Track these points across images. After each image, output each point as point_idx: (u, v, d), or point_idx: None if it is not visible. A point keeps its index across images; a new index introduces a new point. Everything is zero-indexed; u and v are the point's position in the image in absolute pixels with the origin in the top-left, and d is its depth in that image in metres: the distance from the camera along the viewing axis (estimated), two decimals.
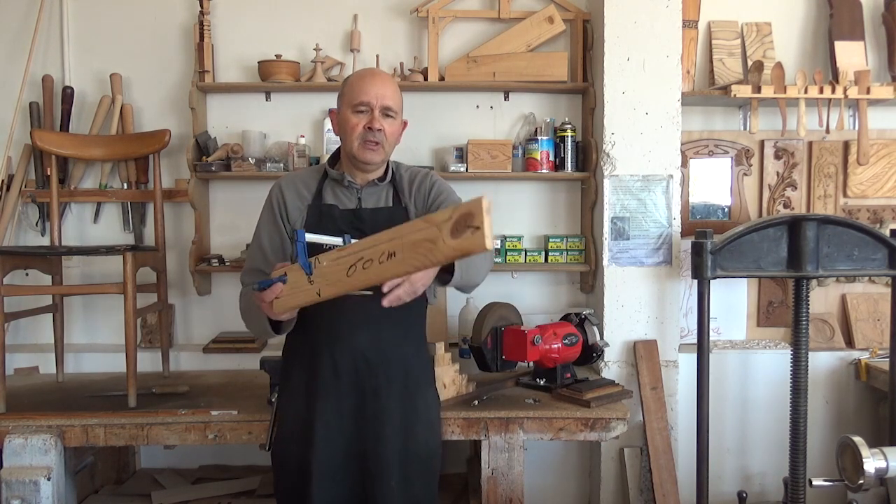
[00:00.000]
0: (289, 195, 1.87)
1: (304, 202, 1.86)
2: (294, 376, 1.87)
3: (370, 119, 1.80)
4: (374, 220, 1.82)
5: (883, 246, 2.51)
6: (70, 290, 2.68)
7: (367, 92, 1.80)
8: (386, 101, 1.82)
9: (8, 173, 2.86)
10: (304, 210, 1.85)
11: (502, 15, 2.86)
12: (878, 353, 2.86)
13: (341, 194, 1.87)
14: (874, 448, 1.36)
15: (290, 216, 1.86)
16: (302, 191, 1.88)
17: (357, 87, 1.82)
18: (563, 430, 2.23)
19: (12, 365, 2.81)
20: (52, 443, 2.16)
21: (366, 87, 1.81)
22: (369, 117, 1.80)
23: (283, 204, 1.87)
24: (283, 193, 1.88)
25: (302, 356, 1.85)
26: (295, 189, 1.88)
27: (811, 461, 2.57)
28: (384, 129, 1.81)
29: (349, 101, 1.82)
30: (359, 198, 1.87)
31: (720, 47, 2.92)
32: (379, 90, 1.81)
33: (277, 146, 2.89)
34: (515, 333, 2.33)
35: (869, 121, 2.80)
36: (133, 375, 2.30)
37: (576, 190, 2.99)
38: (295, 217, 1.85)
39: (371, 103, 1.80)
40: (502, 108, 2.97)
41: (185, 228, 2.95)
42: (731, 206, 2.97)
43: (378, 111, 1.81)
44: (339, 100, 1.88)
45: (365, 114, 1.81)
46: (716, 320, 2.87)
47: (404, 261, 1.31)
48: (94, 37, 2.93)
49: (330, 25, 2.93)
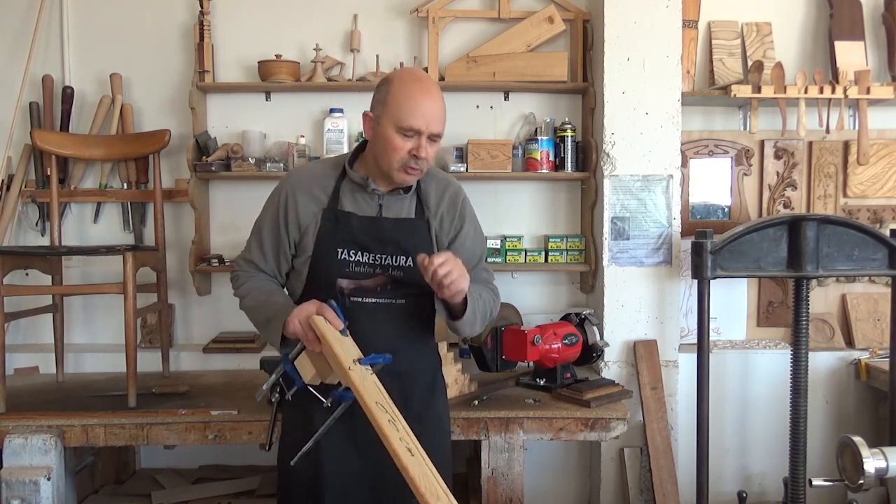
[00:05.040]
0: (301, 199, 1.71)
1: (318, 206, 1.71)
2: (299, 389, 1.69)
3: (417, 146, 1.63)
4: (395, 231, 1.71)
5: (883, 246, 2.51)
6: (70, 290, 2.69)
7: (419, 116, 1.62)
8: (436, 128, 1.66)
9: (8, 173, 2.86)
10: (318, 215, 1.71)
11: (502, 15, 2.86)
12: (878, 353, 2.86)
13: (360, 199, 1.73)
14: (874, 448, 1.36)
15: (302, 220, 1.71)
16: (317, 193, 1.72)
17: (408, 107, 1.62)
18: (563, 430, 2.23)
19: (12, 365, 2.81)
20: (52, 443, 2.16)
21: (419, 110, 1.62)
22: (416, 143, 1.63)
23: (296, 209, 1.71)
24: (296, 198, 1.71)
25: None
26: (308, 192, 1.72)
27: (811, 461, 2.57)
28: (428, 156, 1.67)
29: (396, 120, 1.62)
30: (380, 205, 1.73)
31: (720, 47, 2.92)
32: (431, 114, 1.64)
33: (277, 146, 2.89)
34: (515, 333, 2.33)
35: (869, 121, 2.80)
36: (133, 375, 2.30)
37: (576, 190, 2.99)
38: (307, 222, 1.71)
39: (421, 130, 1.63)
40: (502, 108, 2.97)
41: (185, 228, 2.95)
42: (731, 206, 2.97)
43: (426, 137, 1.64)
44: (381, 109, 1.66)
45: (412, 138, 1.63)
46: (716, 320, 2.87)
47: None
48: (94, 37, 2.93)
49: (330, 25, 2.92)
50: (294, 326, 1.58)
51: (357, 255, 1.71)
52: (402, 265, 1.73)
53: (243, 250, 1.85)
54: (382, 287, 1.73)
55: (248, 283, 1.79)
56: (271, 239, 1.77)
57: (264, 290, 1.77)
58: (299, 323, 1.58)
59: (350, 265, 1.70)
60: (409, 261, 1.72)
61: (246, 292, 1.78)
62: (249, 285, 1.79)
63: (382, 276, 1.73)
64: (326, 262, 1.71)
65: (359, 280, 1.71)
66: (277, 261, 1.78)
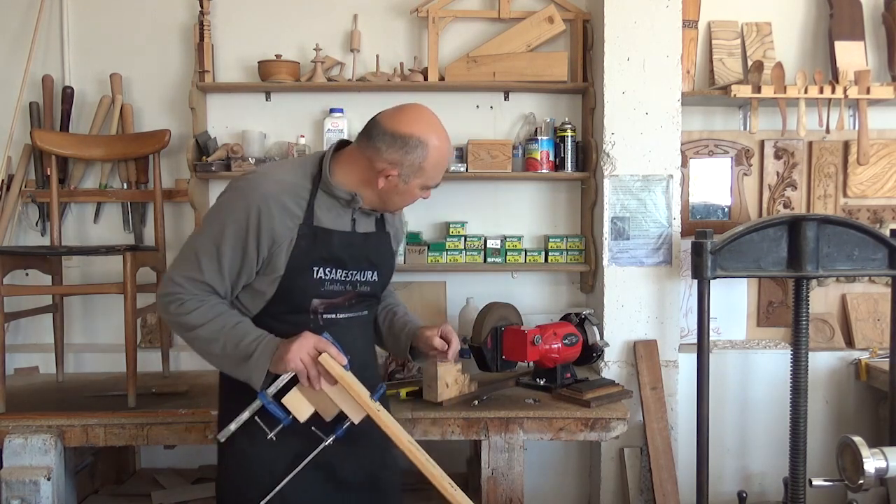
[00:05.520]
0: (277, 212, 1.56)
1: (294, 221, 1.58)
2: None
3: (428, 192, 1.70)
4: (366, 246, 1.70)
5: (883, 246, 2.51)
6: (70, 290, 2.69)
7: (442, 174, 1.68)
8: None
9: (8, 173, 2.86)
10: (294, 230, 1.58)
11: (502, 15, 2.86)
12: (878, 353, 2.86)
13: (336, 213, 1.64)
14: (874, 448, 1.36)
15: (277, 237, 1.56)
16: (291, 206, 1.58)
17: (441, 168, 1.66)
18: (563, 430, 2.23)
19: (12, 365, 2.81)
20: (52, 443, 2.16)
21: (443, 170, 1.68)
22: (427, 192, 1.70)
23: (270, 224, 1.55)
24: (271, 211, 1.55)
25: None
26: (282, 205, 1.56)
27: (811, 461, 2.57)
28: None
29: (427, 181, 1.65)
30: (353, 219, 1.68)
31: (720, 47, 2.92)
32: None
33: (277, 146, 2.89)
34: (515, 333, 2.33)
35: (869, 121, 2.80)
36: (133, 375, 2.30)
37: (576, 190, 2.99)
38: (282, 238, 1.57)
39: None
40: (502, 108, 2.97)
41: (185, 228, 2.95)
42: (731, 206, 2.97)
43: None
44: (412, 172, 1.61)
45: (428, 189, 1.69)
46: (716, 320, 2.87)
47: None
48: (94, 37, 2.93)
49: (330, 25, 2.92)
50: (295, 365, 1.50)
51: (332, 273, 1.64)
52: (368, 280, 1.72)
53: (182, 267, 1.58)
54: (349, 301, 1.70)
55: (201, 310, 1.56)
56: (234, 257, 1.56)
57: (227, 319, 1.57)
58: (302, 361, 1.50)
59: (325, 284, 1.63)
60: (374, 275, 1.73)
61: (199, 320, 1.55)
62: (202, 312, 1.56)
63: (352, 291, 1.70)
64: (301, 281, 1.61)
65: (331, 298, 1.66)
66: (236, 281, 1.59)
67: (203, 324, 1.55)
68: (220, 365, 1.60)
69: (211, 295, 1.58)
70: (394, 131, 1.58)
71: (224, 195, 1.62)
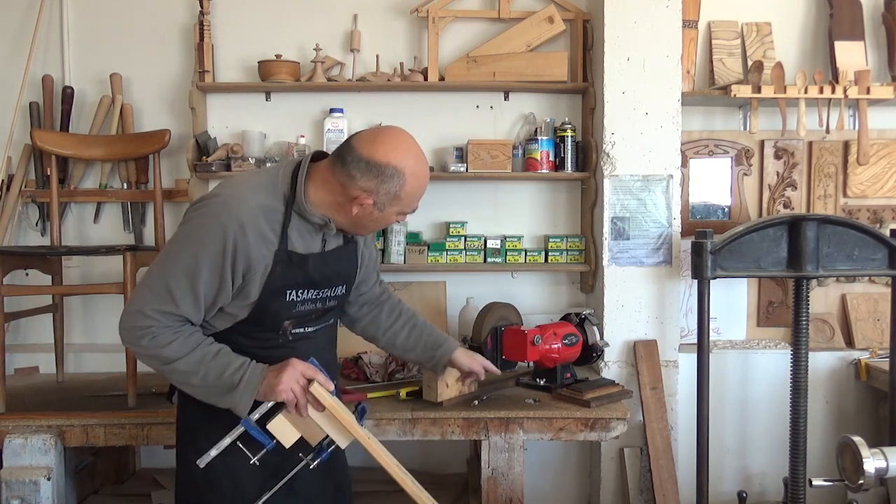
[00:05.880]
0: (252, 240, 1.49)
1: (269, 248, 1.52)
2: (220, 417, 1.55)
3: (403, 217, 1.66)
4: (336, 262, 1.68)
5: (883, 246, 2.51)
6: (70, 290, 2.68)
7: (419, 200, 1.63)
8: None
9: (8, 173, 2.86)
10: (269, 257, 1.53)
11: (502, 15, 2.86)
12: (878, 353, 2.86)
13: (306, 234, 1.60)
14: (874, 448, 1.36)
15: (253, 265, 1.51)
16: (267, 233, 1.52)
17: (418, 196, 1.60)
18: (563, 430, 2.23)
19: (12, 365, 2.82)
20: (52, 443, 2.17)
21: (420, 196, 1.62)
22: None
23: (246, 253, 1.49)
24: (247, 239, 1.48)
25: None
26: (258, 232, 1.50)
27: (811, 461, 2.57)
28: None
29: (403, 208, 1.60)
30: (324, 239, 1.64)
31: (720, 47, 2.92)
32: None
33: (277, 146, 2.89)
34: (515, 333, 2.33)
35: (869, 121, 2.80)
36: (133, 375, 2.30)
37: (576, 190, 2.99)
38: (258, 265, 1.52)
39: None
40: (502, 108, 2.97)
41: None
42: (731, 206, 2.97)
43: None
44: (388, 200, 1.55)
45: (404, 215, 1.65)
46: (716, 320, 2.87)
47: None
48: (94, 37, 2.93)
49: (330, 25, 2.92)
50: (286, 395, 1.48)
51: (304, 294, 1.62)
52: (338, 294, 1.72)
53: (152, 300, 1.49)
54: (317, 315, 1.70)
55: (176, 343, 1.50)
56: (210, 286, 1.50)
57: (206, 349, 1.52)
58: (292, 391, 1.49)
59: (297, 305, 1.62)
60: (343, 289, 1.73)
61: (176, 354, 1.50)
62: (178, 345, 1.50)
63: (322, 307, 1.70)
64: (275, 305, 1.58)
65: (301, 317, 1.66)
66: (210, 309, 1.55)
67: (180, 357, 1.50)
68: (201, 395, 1.54)
69: (184, 325, 1.52)
70: (369, 158, 1.51)
71: (195, 219, 1.52)
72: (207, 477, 1.58)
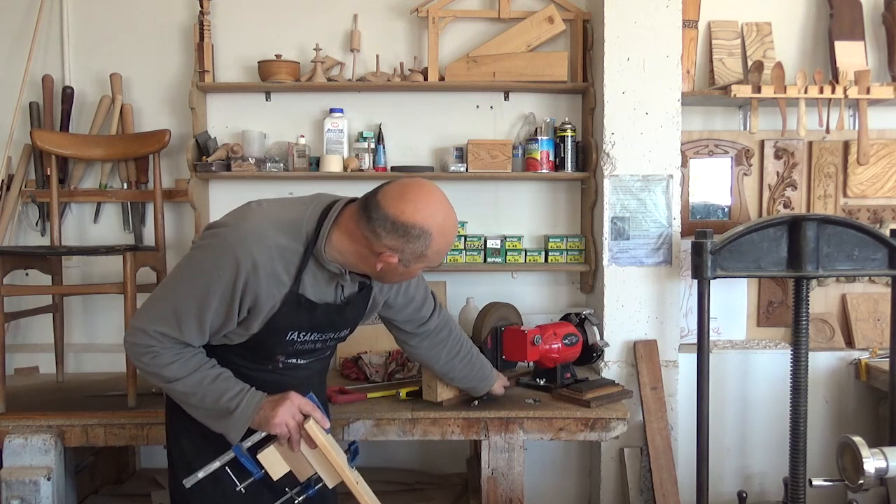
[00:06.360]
0: (265, 280, 1.47)
1: (281, 289, 1.50)
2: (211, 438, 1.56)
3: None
4: (347, 310, 1.65)
5: (883, 246, 2.51)
6: (70, 290, 2.68)
7: (445, 255, 1.61)
8: None
9: (8, 173, 2.86)
10: (278, 298, 1.51)
11: (502, 15, 2.86)
12: (878, 353, 2.86)
13: (322, 281, 1.57)
14: (874, 448, 1.36)
15: (261, 303, 1.49)
16: (280, 275, 1.49)
17: (443, 254, 1.56)
18: (563, 430, 2.23)
19: (12, 365, 2.82)
20: (52, 443, 2.17)
21: (447, 251, 1.59)
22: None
23: (256, 291, 1.48)
24: (259, 278, 1.46)
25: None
26: (272, 273, 1.48)
27: (811, 461, 2.57)
28: None
29: (429, 263, 1.54)
30: (340, 285, 1.60)
31: (720, 47, 2.92)
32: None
33: (277, 146, 2.89)
34: (515, 333, 2.33)
35: (869, 121, 2.80)
36: (133, 375, 2.30)
37: (576, 190, 2.99)
38: (265, 304, 1.50)
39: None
40: (502, 108, 2.97)
41: (185, 228, 2.95)
42: (731, 206, 2.97)
43: None
44: (414, 258, 1.50)
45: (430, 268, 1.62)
46: (716, 320, 2.87)
47: None
48: (94, 37, 2.93)
49: (330, 25, 2.92)
50: (281, 430, 1.48)
51: (306, 336, 1.61)
52: (342, 336, 1.71)
53: (157, 322, 1.48)
54: (314, 351, 1.70)
55: (177, 364, 1.50)
56: (217, 317, 1.50)
57: (206, 372, 1.53)
58: (287, 426, 1.48)
59: (295, 344, 1.61)
60: (348, 331, 1.72)
61: (176, 374, 1.50)
62: (179, 366, 1.50)
63: (321, 347, 1.69)
64: (273, 342, 1.58)
65: (297, 355, 1.66)
66: (213, 336, 1.55)
67: (179, 378, 1.50)
68: (197, 415, 1.54)
69: (186, 348, 1.52)
70: (395, 219, 1.44)
71: (212, 247, 1.49)
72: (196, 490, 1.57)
